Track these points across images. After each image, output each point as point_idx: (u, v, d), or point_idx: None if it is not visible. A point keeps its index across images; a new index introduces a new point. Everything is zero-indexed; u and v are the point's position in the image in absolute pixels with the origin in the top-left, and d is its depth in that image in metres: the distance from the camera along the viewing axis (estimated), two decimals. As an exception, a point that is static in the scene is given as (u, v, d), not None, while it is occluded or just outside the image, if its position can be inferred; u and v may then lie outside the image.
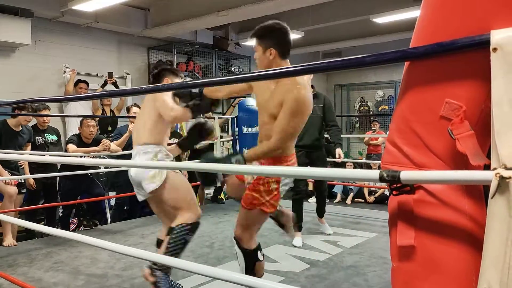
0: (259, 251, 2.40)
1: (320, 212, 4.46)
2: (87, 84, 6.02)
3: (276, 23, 2.26)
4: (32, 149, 4.56)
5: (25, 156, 4.24)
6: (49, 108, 4.96)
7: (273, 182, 2.29)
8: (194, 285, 2.92)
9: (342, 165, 8.44)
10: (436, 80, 1.01)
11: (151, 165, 2.47)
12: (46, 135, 4.76)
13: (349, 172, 1.13)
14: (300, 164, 3.25)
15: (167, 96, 2.52)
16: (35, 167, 4.69)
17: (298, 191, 4.01)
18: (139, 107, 5.50)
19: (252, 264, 2.37)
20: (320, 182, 4.49)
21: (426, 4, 1.07)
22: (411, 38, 1.13)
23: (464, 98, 0.99)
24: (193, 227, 2.49)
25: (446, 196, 1.01)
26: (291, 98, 2.14)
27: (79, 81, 5.98)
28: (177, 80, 2.84)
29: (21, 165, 4.49)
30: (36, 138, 4.72)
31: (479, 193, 1.03)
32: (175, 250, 2.45)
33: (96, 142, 4.68)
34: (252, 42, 2.39)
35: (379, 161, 6.94)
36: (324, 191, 4.53)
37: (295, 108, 2.15)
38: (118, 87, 6.32)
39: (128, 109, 5.68)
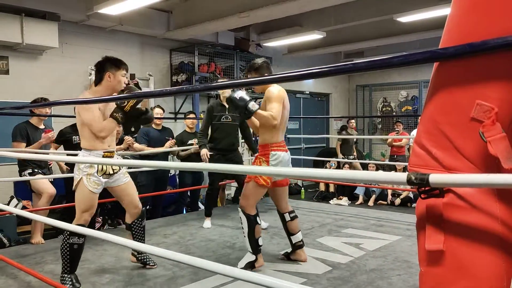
0: (257, 217, 3.24)
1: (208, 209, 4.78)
2: None
3: (261, 60, 3.37)
4: (69, 148, 4.66)
5: (54, 156, 4.35)
6: None
7: (263, 162, 3.19)
8: (215, 285, 2.93)
9: (364, 166, 8.37)
10: (467, 81, 0.99)
11: (171, 166, 2.51)
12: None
13: (376, 174, 1.12)
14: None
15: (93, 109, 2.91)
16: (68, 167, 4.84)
17: (212, 188, 4.89)
18: (162, 109, 5.58)
19: (253, 226, 3.19)
20: (214, 178, 4.87)
21: (456, 4, 1.05)
22: (438, 38, 1.10)
23: (495, 99, 0.96)
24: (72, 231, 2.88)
25: (477, 200, 0.99)
26: (269, 94, 3.15)
27: None
28: (119, 73, 3.03)
29: (50, 164, 4.60)
30: (74, 137, 4.83)
31: (511, 197, 1.00)
32: (63, 251, 2.90)
33: (121, 142, 4.76)
34: (272, 43, 2.85)
35: (403, 163, 6.86)
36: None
37: (270, 97, 3.12)
38: (141, 88, 6.41)
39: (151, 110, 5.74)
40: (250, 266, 3.20)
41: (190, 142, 5.63)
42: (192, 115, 5.89)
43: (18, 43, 5.54)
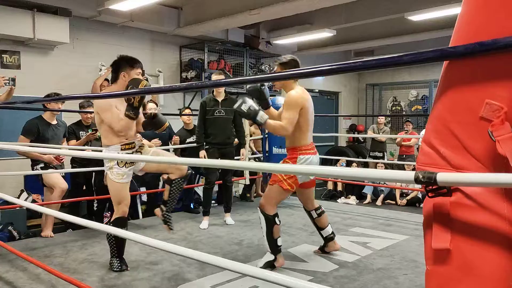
0: (276, 218, 3.17)
1: (227, 206, 4.85)
2: (109, 81, 6.16)
3: (290, 56, 3.30)
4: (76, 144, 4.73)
5: (64, 151, 4.40)
6: (92, 105, 5.09)
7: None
8: (222, 281, 2.95)
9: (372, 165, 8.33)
10: (476, 80, 0.99)
11: (179, 161, 2.53)
12: (90, 130, 4.91)
13: (383, 172, 1.12)
14: (213, 158, 4.48)
15: (113, 107, 3.04)
16: (78, 160, 4.89)
17: (209, 182, 4.73)
18: (156, 104, 5.59)
19: (271, 226, 3.14)
20: (225, 172, 4.82)
21: (467, 3, 1.04)
22: (450, 37, 1.10)
23: (505, 99, 0.96)
24: (115, 223, 3.07)
25: (485, 199, 0.98)
26: (285, 100, 3.16)
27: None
28: (134, 72, 3.10)
29: (62, 160, 4.64)
30: (80, 132, 4.89)
31: (519, 197, 0.99)
32: (110, 239, 3.17)
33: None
34: (282, 41, 2.90)
35: (413, 163, 6.82)
36: (229, 182, 4.85)
37: (286, 105, 3.11)
38: (150, 85, 6.42)
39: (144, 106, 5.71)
40: (269, 265, 3.14)
41: (188, 140, 5.59)
42: (187, 111, 5.92)
43: (29, 38, 5.60)
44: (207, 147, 4.65)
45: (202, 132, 4.65)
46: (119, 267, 3.16)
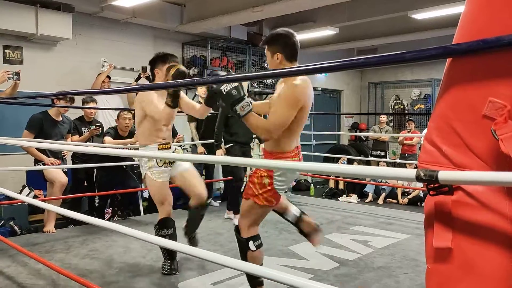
0: (251, 241, 2.45)
1: (236, 206, 4.54)
2: (109, 78, 6.18)
3: (282, 30, 2.38)
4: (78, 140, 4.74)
5: (66, 146, 4.40)
6: (96, 101, 5.11)
7: (266, 177, 2.34)
8: (223, 278, 2.95)
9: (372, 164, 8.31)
10: (480, 78, 0.98)
11: (185, 158, 2.53)
12: (92, 127, 4.92)
13: (384, 170, 1.11)
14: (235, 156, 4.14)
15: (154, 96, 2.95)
16: (79, 156, 4.90)
17: (240, 178, 4.68)
18: None
19: (244, 251, 2.46)
20: (236, 169, 4.69)
21: (470, 1, 1.04)
22: (453, 35, 1.09)
23: (508, 97, 0.95)
24: (160, 224, 3.03)
25: (487, 198, 0.97)
26: (284, 90, 2.28)
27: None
28: (166, 67, 3.02)
29: (64, 155, 4.65)
30: (83, 128, 4.90)
31: (522, 196, 0.98)
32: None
33: (131, 135, 4.79)
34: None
35: (414, 162, 6.79)
36: (239, 180, 4.75)
37: (285, 98, 2.26)
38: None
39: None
40: None
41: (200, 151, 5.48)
42: None
43: (32, 33, 5.60)
44: (230, 145, 4.56)
45: (222, 131, 4.56)
46: (168, 270, 3.07)
